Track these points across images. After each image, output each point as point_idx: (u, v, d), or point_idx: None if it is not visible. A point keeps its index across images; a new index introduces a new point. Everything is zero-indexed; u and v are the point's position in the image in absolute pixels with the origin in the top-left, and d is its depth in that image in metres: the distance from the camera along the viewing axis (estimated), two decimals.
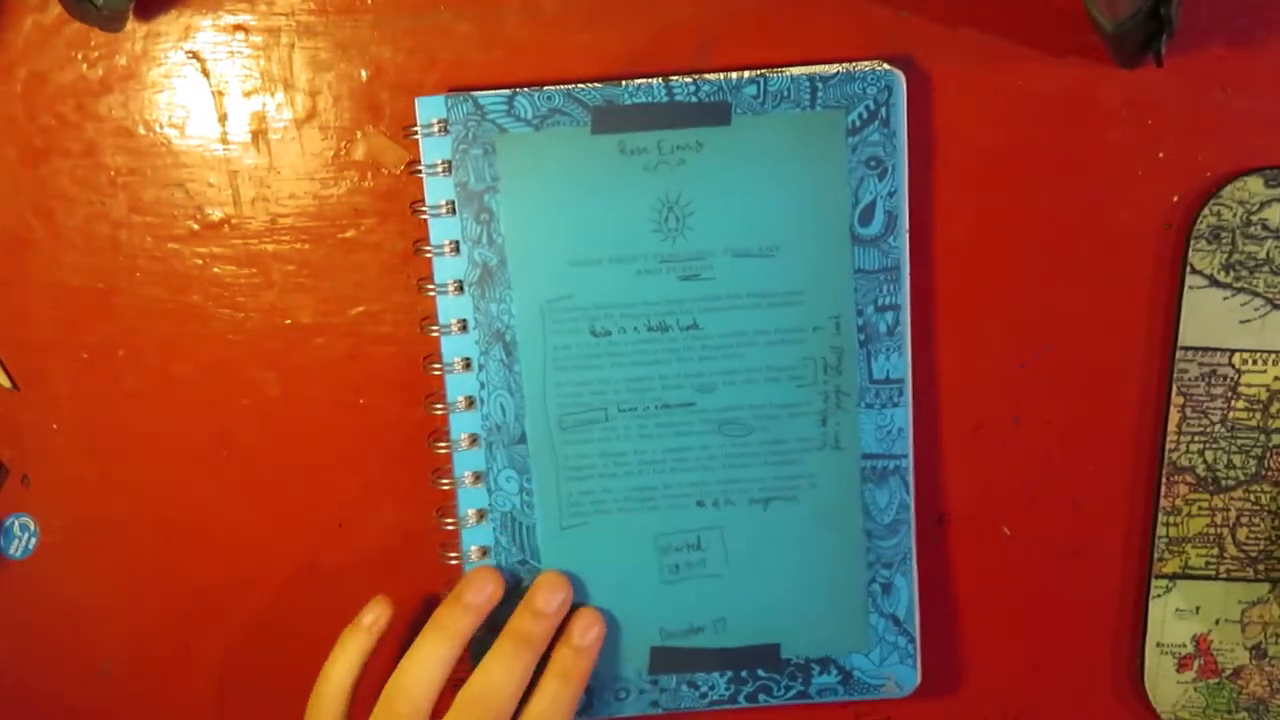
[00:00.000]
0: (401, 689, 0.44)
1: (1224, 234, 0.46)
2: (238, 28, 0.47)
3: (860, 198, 0.45)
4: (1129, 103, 0.45)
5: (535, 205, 0.46)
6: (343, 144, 0.48)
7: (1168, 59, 0.43)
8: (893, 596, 0.48)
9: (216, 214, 0.48)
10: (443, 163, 0.46)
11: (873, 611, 0.48)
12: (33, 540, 0.51)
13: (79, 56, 0.47)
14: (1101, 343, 0.48)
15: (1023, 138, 0.46)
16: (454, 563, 0.48)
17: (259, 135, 0.48)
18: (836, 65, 0.45)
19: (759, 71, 0.45)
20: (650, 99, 0.45)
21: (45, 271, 0.49)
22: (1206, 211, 0.46)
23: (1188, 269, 0.46)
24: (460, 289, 0.46)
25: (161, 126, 0.48)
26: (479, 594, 0.46)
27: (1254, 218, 0.46)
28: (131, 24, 0.47)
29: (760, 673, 0.49)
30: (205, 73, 0.47)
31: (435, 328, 0.47)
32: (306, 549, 0.51)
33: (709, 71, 0.45)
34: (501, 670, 0.44)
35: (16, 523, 0.51)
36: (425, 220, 0.46)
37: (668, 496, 0.48)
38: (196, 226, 0.49)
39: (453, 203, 0.46)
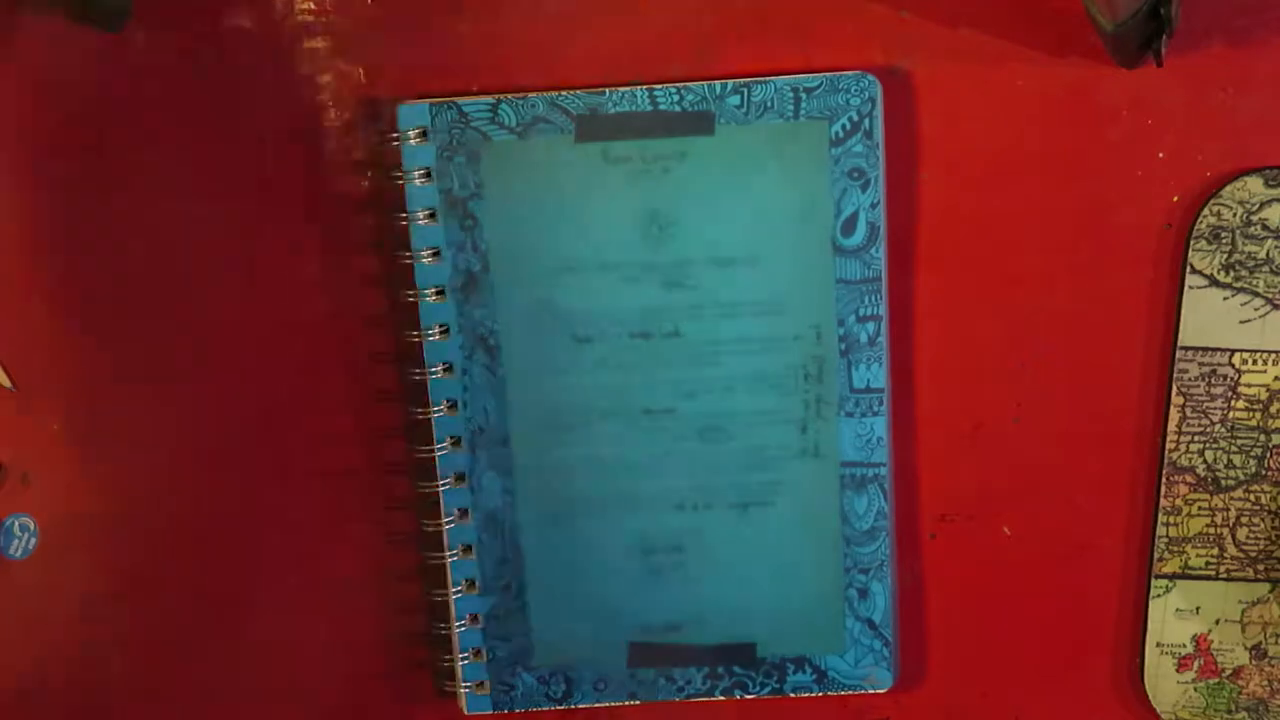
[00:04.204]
0: None
1: (1224, 234, 0.46)
2: (238, 27, 0.47)
3: (843, 209, 0.46)
4: (1129, 103, 0.45)
5: (519, 212, 0.46)
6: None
7: (1168, 59, 0.43)
8: (869, 601, 0.49)
9: None
10: (425, 169, 0.46)
11: (849, 615, 0.49)
12: (33, 540, 0.51)
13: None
14: (1101, 343, 0.48)
15: (1023, 138, 0.46)
16: (436, 562, 0.49)
17: None
18: (820, 75, 0.45)
19: (743, 81, 0.45)
20: (634, 108, 0.45)
21: (45, 271, 0.49)
22: (1206, 211, 0.46)
23: (1188, 269, 0.46)
24: (441, 294, 0.47)
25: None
26: None
27: (1254, 218, 0.46)
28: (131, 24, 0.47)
29: (736, 669, 0.50)
30: (205, 72, 0.47)
31: (415, 333, 0.47)
32: (306, 549, 0.51)
33: (705, 79, 0.45)
34: None
35: (16, 523, 0.51)
36: (405, 226, 0.46)
37: (649, 500, 0.48)
38: None
39: (434, 210, 0.46)
